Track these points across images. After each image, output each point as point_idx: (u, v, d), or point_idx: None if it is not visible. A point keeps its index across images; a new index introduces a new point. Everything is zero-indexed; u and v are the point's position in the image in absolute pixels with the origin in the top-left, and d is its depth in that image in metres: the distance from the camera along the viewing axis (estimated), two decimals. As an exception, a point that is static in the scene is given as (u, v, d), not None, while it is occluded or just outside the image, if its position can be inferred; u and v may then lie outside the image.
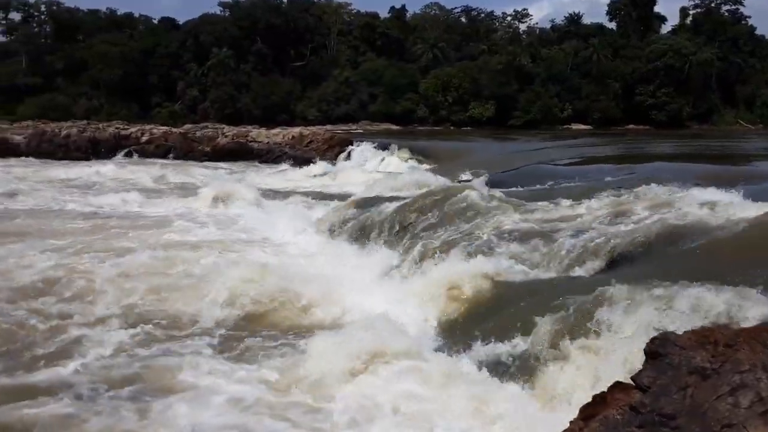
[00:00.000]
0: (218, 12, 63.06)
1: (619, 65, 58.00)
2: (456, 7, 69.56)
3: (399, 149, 27.11)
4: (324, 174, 24.66)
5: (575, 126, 54.53)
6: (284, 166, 27.72)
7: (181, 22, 62.73)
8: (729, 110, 59.55)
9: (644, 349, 3.62)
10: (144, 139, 31.45)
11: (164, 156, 30.11)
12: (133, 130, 32.46)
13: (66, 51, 56.59)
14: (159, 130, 32.97)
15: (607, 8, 67.07)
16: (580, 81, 57.51)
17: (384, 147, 27.80)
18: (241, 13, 59.83)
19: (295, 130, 32.94)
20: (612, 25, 66.75)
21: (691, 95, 57.02)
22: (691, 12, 65.83)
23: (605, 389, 3.64)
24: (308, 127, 37.02)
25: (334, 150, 29.21)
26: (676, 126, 53.92)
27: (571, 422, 3.63)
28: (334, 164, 27.07)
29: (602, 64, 57.97)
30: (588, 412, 3.61)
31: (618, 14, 66.23)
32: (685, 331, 3.62)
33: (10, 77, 53.27)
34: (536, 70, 57.83)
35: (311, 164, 26.42)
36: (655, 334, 3.89)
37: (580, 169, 15.91)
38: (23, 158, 28.07)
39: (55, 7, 60.59)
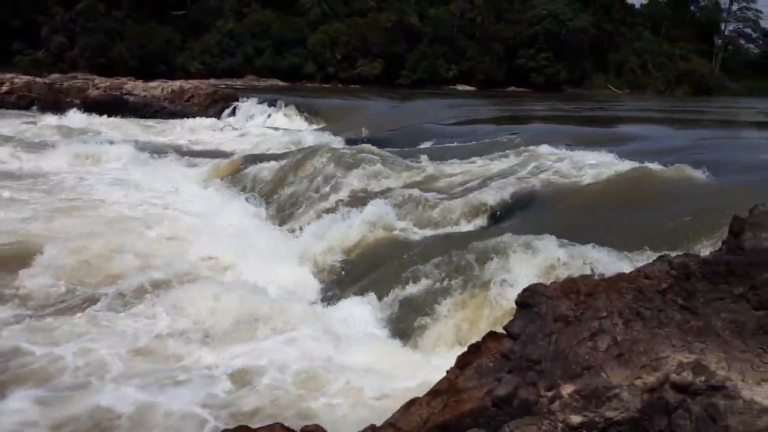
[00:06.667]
0: (87, -49, 57.82)
1: (503, 28, 59.56)
2: (344, -40, 67.95)
3: (286, 106, 26.63)
4: (206, 130, 23.74)
5: (460, 87, 55.65)
6: (169, 122, 25.78)
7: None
8: (600, 75, 63.20)
9: (515, 300, 3.80)
10: (4, 89, 28.76)
11: (27, 108, 27.82)
12: (-11, 79, 29.51)
13: None
14: (21, 79, 30.20)
15: (491, -30, 68.21)
16: (466, 42, 58.56)
17: (271, 103, 27.19)
18: (113, -47, 55.22)
19: (176, 84, 31.26)
20: (497, -12, 67.98)
21: (567, 60, 59.83)
22: (569, -23, 68.38)
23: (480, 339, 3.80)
24: (189, 81, 35.24)
25: (217, 105, 28.16)
26: (553, 89, 56.52)
27: (448, 371, 3.77)
28: (217, 120, 26.09)
29: (486, 27, 59.26)
30: (464, 360, 3.77)
31: (502, -23, 67.50)
32: (552, 282, 3.84)
33: None
34: (424, 30, 58.08)
35: (192, 120, 25.27)
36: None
37: (464, 129, 16.35)
38: None
39: None
